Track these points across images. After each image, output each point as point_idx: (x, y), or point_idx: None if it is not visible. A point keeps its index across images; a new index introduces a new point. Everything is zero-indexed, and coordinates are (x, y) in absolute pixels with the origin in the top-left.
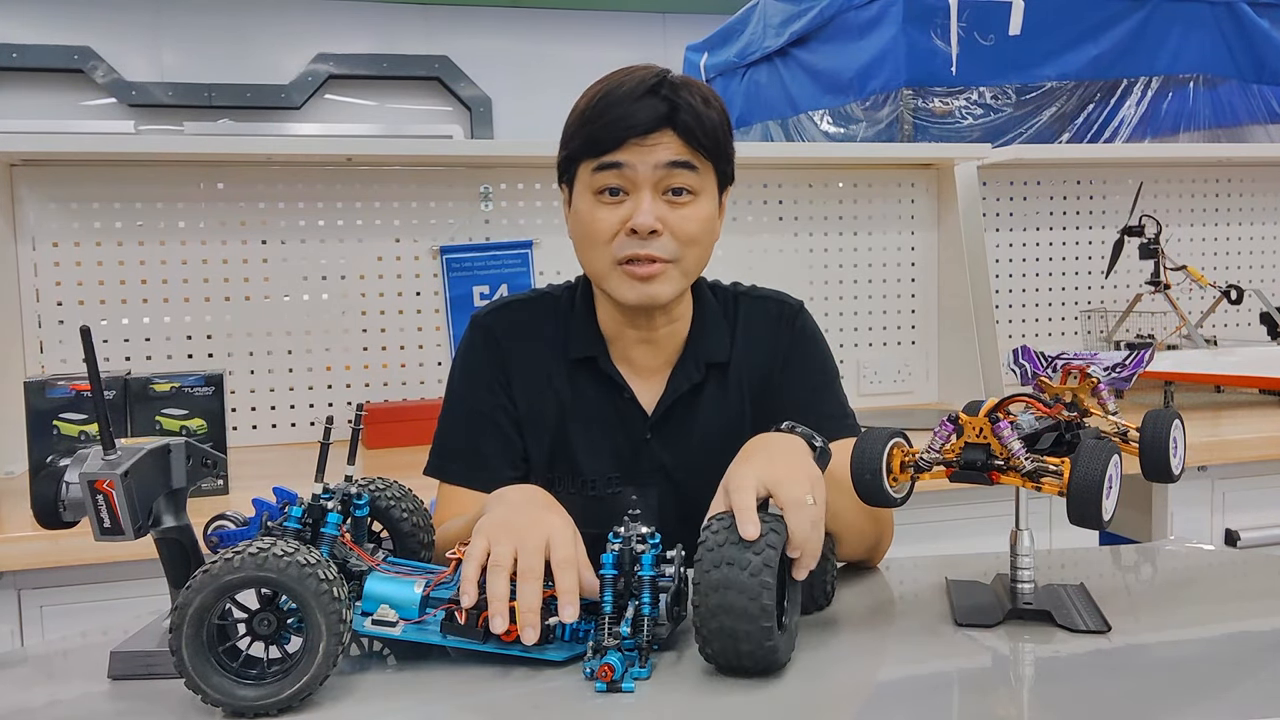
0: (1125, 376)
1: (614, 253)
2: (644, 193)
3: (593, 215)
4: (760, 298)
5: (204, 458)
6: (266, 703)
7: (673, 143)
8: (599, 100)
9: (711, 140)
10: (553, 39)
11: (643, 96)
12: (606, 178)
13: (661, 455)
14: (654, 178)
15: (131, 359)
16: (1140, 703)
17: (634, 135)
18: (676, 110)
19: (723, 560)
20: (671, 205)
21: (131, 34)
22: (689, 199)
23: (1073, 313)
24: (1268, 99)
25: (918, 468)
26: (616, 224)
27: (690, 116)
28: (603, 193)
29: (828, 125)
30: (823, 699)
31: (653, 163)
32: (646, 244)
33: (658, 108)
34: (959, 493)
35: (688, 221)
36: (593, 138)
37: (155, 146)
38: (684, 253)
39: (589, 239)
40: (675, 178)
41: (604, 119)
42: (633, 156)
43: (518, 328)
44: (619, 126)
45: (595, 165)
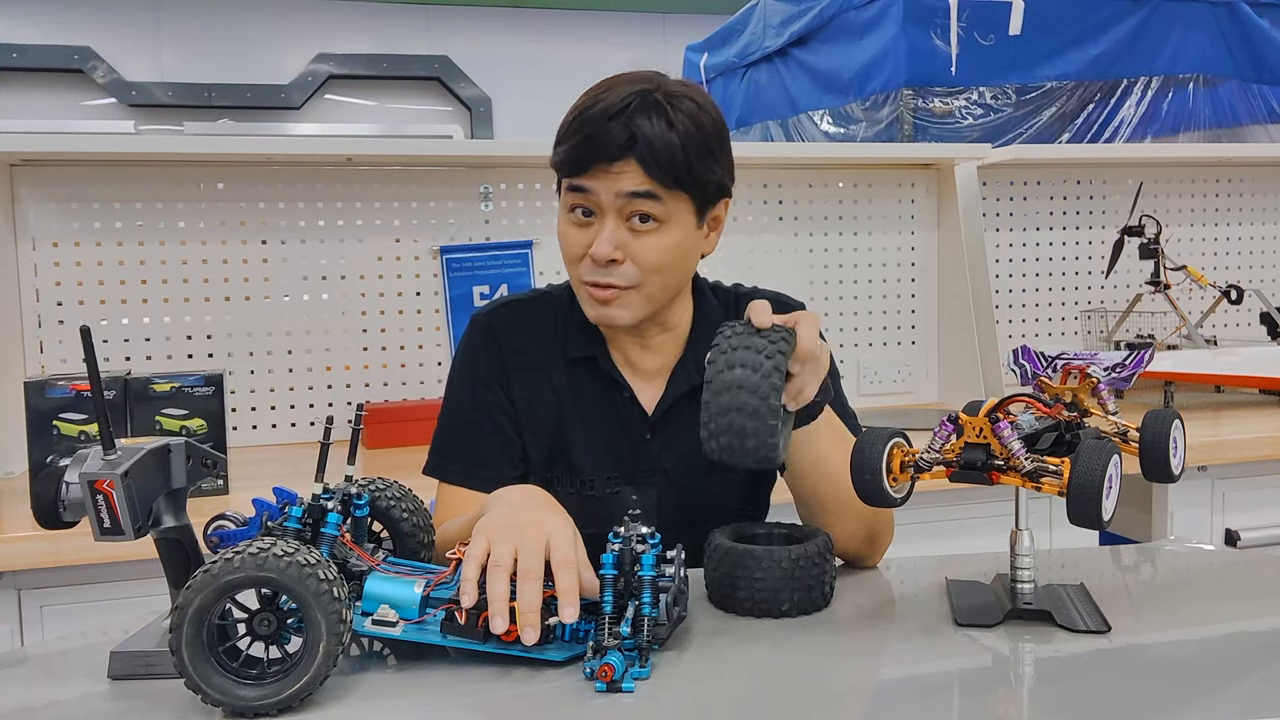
0: (1125, 376)
1: (579, 273)
2: (607, 219)
3: (566, 231)
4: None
5: (204, 458)
6: (266, 703)
7: (635, 173)
8: (577, 117)
9: (674, 168)
10: (553, 39)
11: (610, 119)
12: (576, 198)
13: (661, 456)
14: (616, 204)
15: (131, 359)
16: (1140, 703)
17: (599, 161)
18: (636, 139)
19: (736, 362)
20: (635, 233)
21: (131, 34)
22: (653, 227)
23: (1073, 313)
24: (1268, 99)
25: (918, 468)
26: (582, 247)
27: (646, 148)
28: (575, 210)
29: (828, 125)
30: (823, 699)
31: (615, 190)
32: (606, 272)
33: (619, 135)
34: (959, 493)
35: (650, 250)
36: (566, 157)
37: (155, 146)
38: (646, 279)
39: (564, 251)
40: (637, 205)
41: (576, 139)
42: (597, 183)
43: (517, 327)
44: (586, 151)
45: (569, 184)
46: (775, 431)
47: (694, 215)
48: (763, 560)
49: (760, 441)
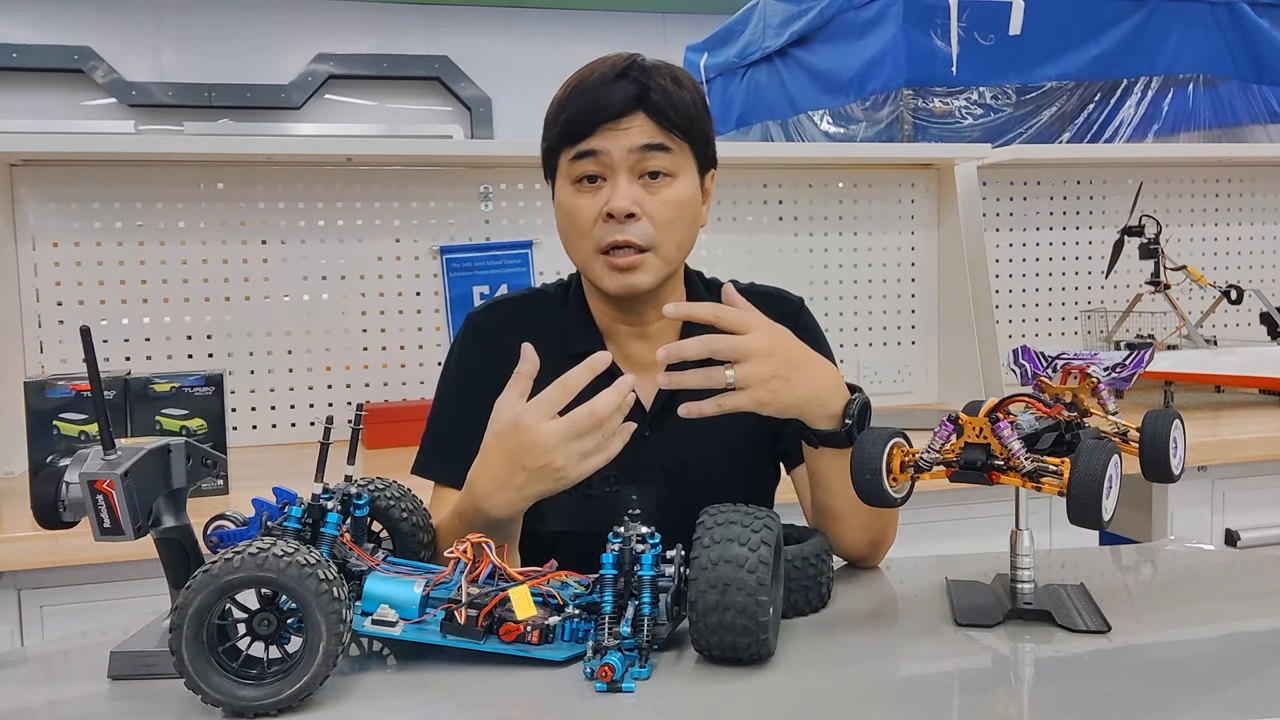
0: (1125, 376)
1: (595, 241)
2: (619, 177)
3: (573, 204)
4: (760, 294)
5: (204, 458)
6: (266, 703)
7: (645, 125)
8: (572, 90)
9: (684, 119)
10: (553, 39)
11: (613, 81)
12: (583, 165)
13: (660, 453)
14: (629, 161)
15: (131, 359)
16: (1140, 703)
17: (606, 120)
18: (647, 91)
19: (720, 558)
20: (648, 188)
21: (131, 34)
22: (666, 181)
23: (1073, 313)
24: (1268, 99)
25: (918, 468)
26: (595, 211)
27: (661, 96)
28: (581, 181)
29: (828, 125)
30: (823, 699)
31: (626, 146)
32: (624, 228)
33: (627, 89)
34: (959, 493)
35: (665, 204)
36: (568, 126)
37: (155, 146)
38: (661, 238)
39: (571, 228)
40: (650, 160)
41: (576, 106)
42: (606, 142)
43: (512, 326)
44: (591, 112)
45: (572, 154)
46: (765, 628)
47: (697, 173)
48: None
49: (752, 638)
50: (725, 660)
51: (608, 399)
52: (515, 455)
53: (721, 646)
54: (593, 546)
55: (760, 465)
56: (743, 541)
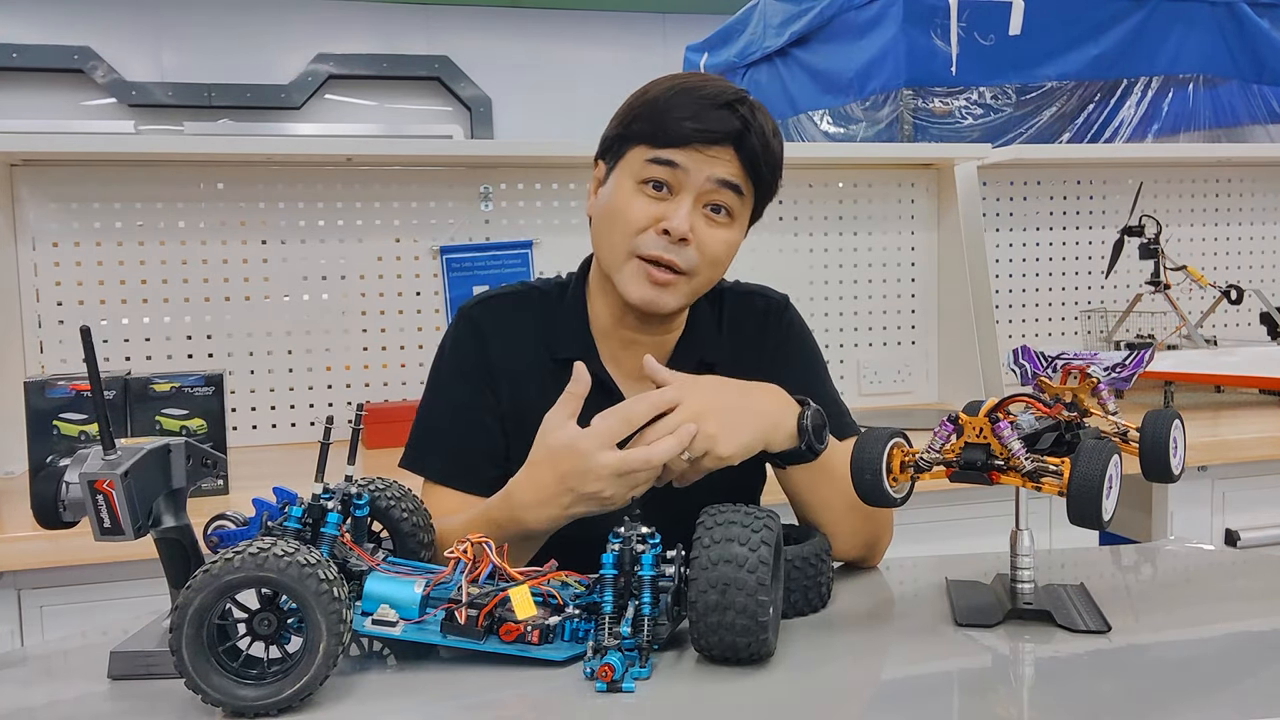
0: (1125, 376)
1: (638, 245)
2: (686, 197)
3: (631, 201)
4: (746, 293)
5: (204, 458)
6: (266, 703)
7: (731, 161)
8: (675, 92)
9: (768, 172)
10: (553, 39)
11: (721, 106)
12: (657, 170)
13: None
14: (701, 187)
15: (131, 359)
16: (1140, 703)
17: (701, 141)
18: (748, 132)
19: (720, 558)
20: (707, 220)
21: (131, 34)
22: (724, 219)
23: (1073, 313)
24: (1268, 99)
25: (918, 468)
26: (651, 219)
27: (758, 142)
28: (647, 183)
29: (828, 125)
30: (823, 699)
31: (707, 173)
32: (674, 249)
33: (731, 122)
34: (959, 493)
35: (717, 242)
36: (659, 127)
37: (155, 146)
38: (701, 269)
39: (619, 222)
40: (720, 195)
41: (676, 113)
42: (690, 160)
43: (505, 323)
44: (689, 126)
45: (650, 156)
46: (765, 628)
47: (747, 224)
48: None
49: (752, 638)
50: (725, 660)
51: (667, 447)
52: (567, 477)
53: (721, 646)
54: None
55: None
56: (743, 541)
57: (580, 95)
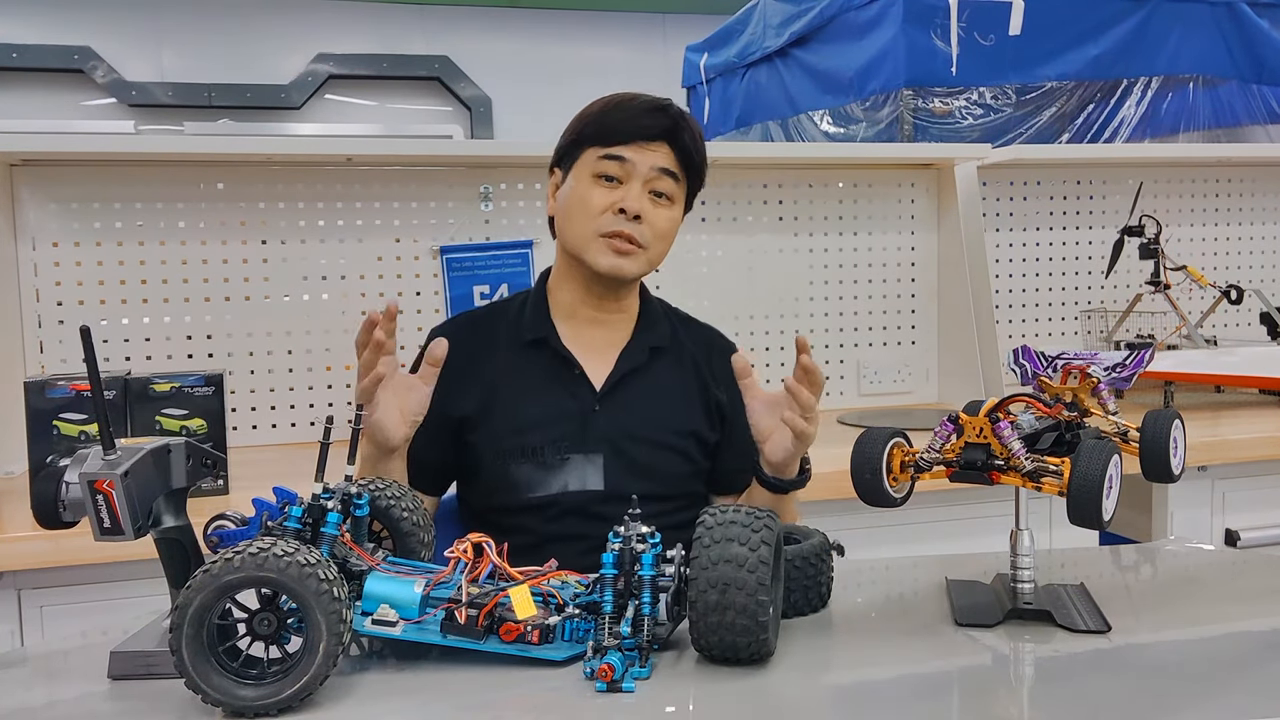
0: (1125, 376)
1: (600, 225)
2: (635, 185)
3: (589, 191)
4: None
5: (204, 458)
6: (266, 703)
7: (668, 154)
8: (615, 104)
9: (697, 162)
10: (553, 39)
11: (654, 111)
12: (608, 166)
13: (608, 426)
14: (646, 176)
15: (131, 359)
16: (1140, 703)
17: (640, 137)
18: (679, 129)
19: (720, 558)
20: (653, 202)
21: (131, 34)
22: (666, 203)
23: (1073, 313)
24: (1268, 99)
25: (918, 468)
26: (607, 203)
27: (688, 138)
28: (600, 177)
29: (828, 125)
30: (823, 699)
31: (649, 163)
32: (630, 225)
33: (664, 121)
34: (959, 493)
35: (662, 219)
36: (607, 130)
37: (155, 146)
38: (652, 244)
39: (580, 210)
40: (661, 182)
41: (619, 117)
42: (634, 154)
43: (465, 329)
44: (631, 126)
45: (602, 153)
46: (765, 628)
47: (683, 207)
48: None
49: (752, 637)
50: (725, 660)
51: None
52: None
53: (721, 646)
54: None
55: (701, 447)
56: (743, 541)
57: (580, 95)
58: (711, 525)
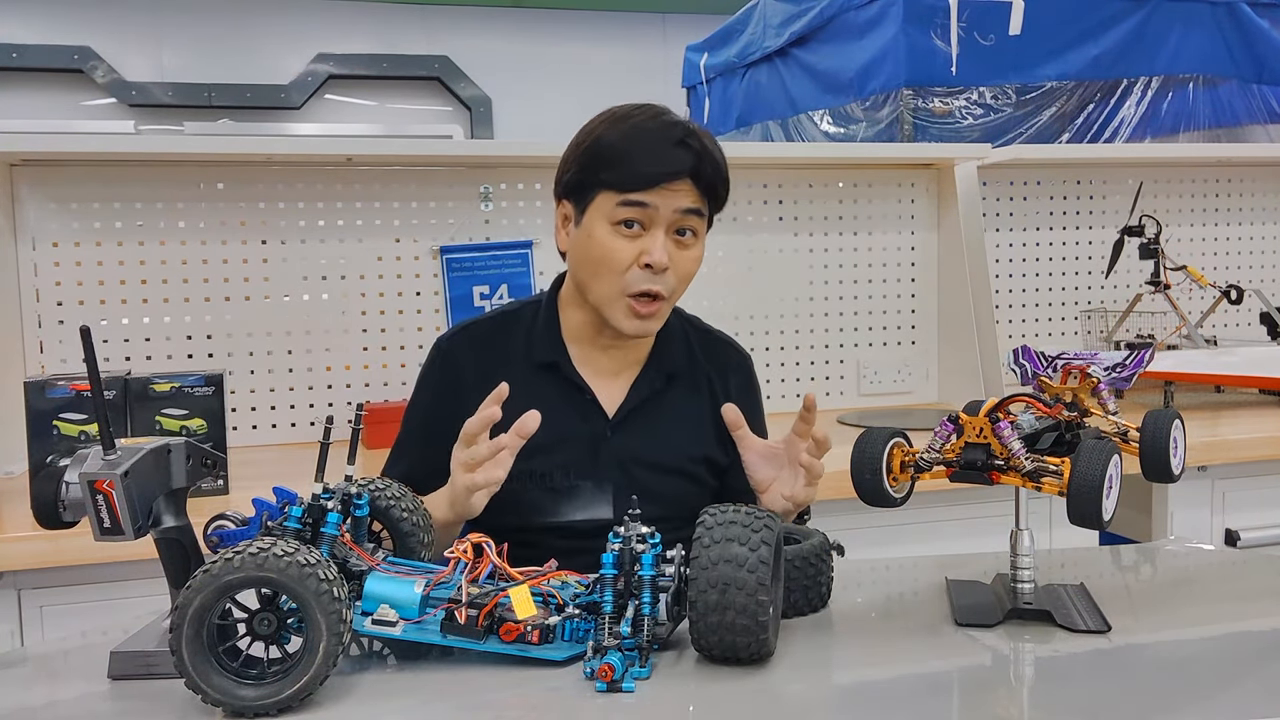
0: (1125, 376)
1: (625, 284)
2: (659, 231)
3: (611, 244)
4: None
5: (204, 458)
6: (266, 703)
7: (690, 191)
8: (630, 136)
9: (722, 192)
10: (553, 39)
11: (675, 146)
12: (628, 211)
13: (620, 453)
14: (669, 220)
15: (131, 359)
16: (1140, 703)
17: (664, 181)
18: (701, 163)
19: (720, 558)
20: (678, 245)
21: (131, 34)
22: (692, 240)
23: (1073, 313)
24: (1268, 99)
25: (918, 468)
26: (631, 256)
27: (710, 169)
28: (620, 224)
29: (828, 125)
30: (823, 699)
31: (673, 206)
32: (659, 279)
33: (685, 159)
34: (959, 493)
35: (689, 261)
36: (625, 174)
37: (155, 146)
38: (679, 288)
39: (604, 267)
40: (686, 221)
41: (637, 157)
42: (657, 199)
43: (476, 343)
44: (652, 171)
45: (620, 200)
46: (765, 628)
47: (704, 237)
48: None
49: (752, 638)
50: (725, 660)
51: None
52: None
53: (721, 646)
54: (560, 535)
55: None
56: (743, 541)
57: (580, 95)
58: (711, 525)
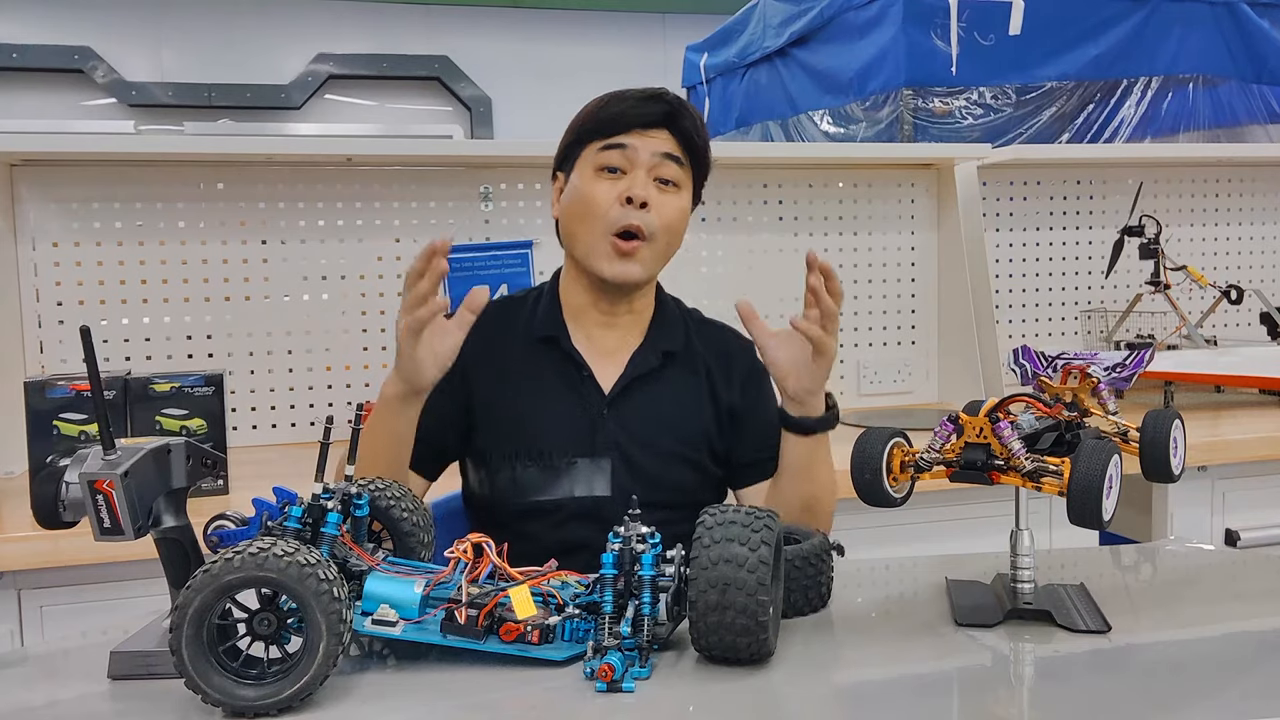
0: (1125, 376)
1: (608, 223)
2: (639, 172)
3: (593, 188)
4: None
5: (204, 458)
6: (266, 703)
7: (669, 139)
8: (611, 98)
9: (700, 146)
10: (553, 39)
11: (650, 99)
12: (610, 156)
13: (616, 431)
14: (649, 163)
15: (131, 359)
16: (1140, 703)
17: (639, 124)
18: (678, 115)
19: (720, 558)
20: (659, 189)
21: (131, 34)
22: (672, 189)
23: (1073, 313)
24: (1268, 99)
25: (918, 468)
26: (613, 197)
27: (688, 123)
28: (603, 170)
29: (828, 125)
30: (823, 699)
31: (651, 149)
32: (639, 214)
33: (662, 108)
34: (959, 493)
35: (669, 207)
36: (605, 120)
37: (155, 146)
38: (660, 235)
39: (587, 210)
40: (665, 168)
41: (615, 109)
42: (635, 141)
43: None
44: (629, 115)
45: (602, 145)
46: (765, 628)
47: (691, 196)
48: None
49: (752, 638)
50: (725, 660)
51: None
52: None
53: (721, 646)
54: (559, 516)
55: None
56: (743, 541)
57: (580, 95)
58: (711, 525)
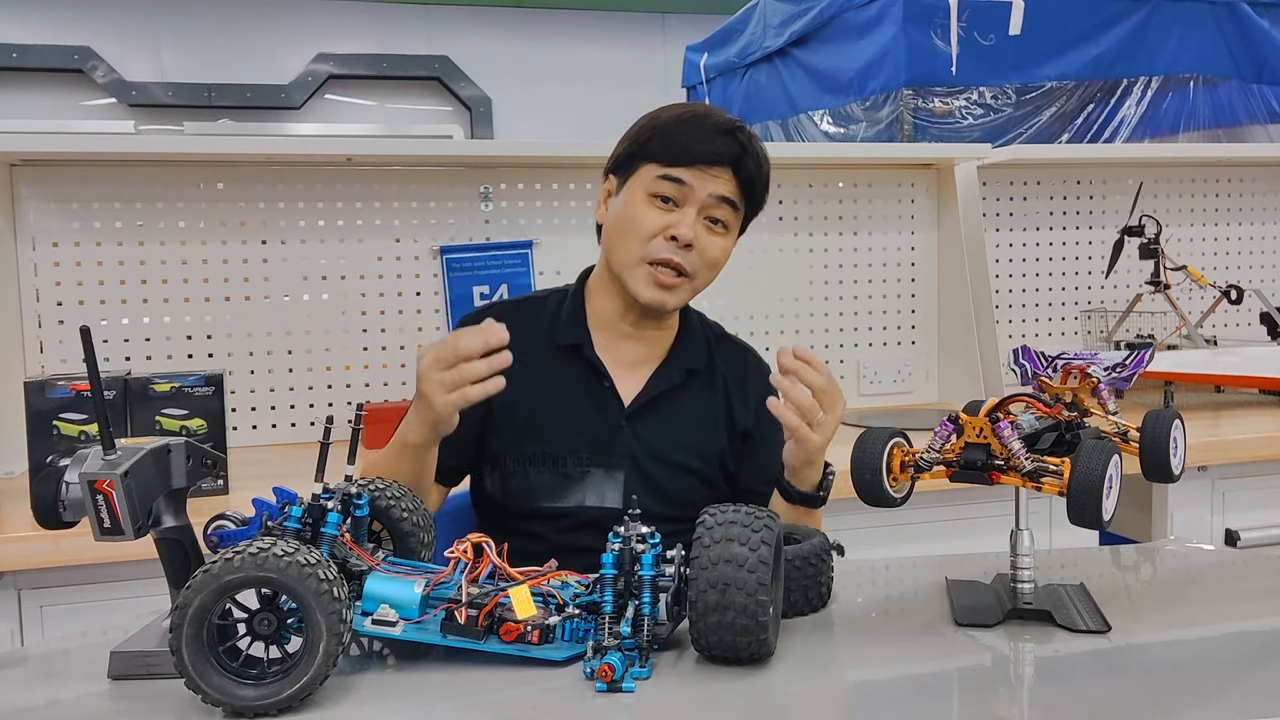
0: (1125, 376)
1: (648, 250)
2: (690, 210)
3: (642, 211)
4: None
5: (204, 458)
6: (266, 703)
7: (730, 181)
8: (686, 119)
9: (759, 191)
10: (553, 39)
11: (723, 134)
12: (665, 187)
13: (633, 443)
14: (703, 202)
15: (131, 359)
16: (1140, 703)
17: (704, 161)
18: (744, 157)
19: (720, 558)
20: (707, 230)
21: (131, 34)
22: (722, 231)
23: (1073, 313)
24: (1268, 99)
25: (918, 468)
26: (659, 226)
27: (753, 165)
28: (656, 197)
29: (828, 125)
30: (823, 699)
31: (708, 190)
32: (680, 253)
33: (731, 147)
34: (959, 493)
35: (715, 248)
36: (670, 147)
37: (155, 146)
38: (700, 273)
39: (630, 229)
40: (718, 210)
41: (685, 136)
42: (695, 179)
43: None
44: (695, 149)
45: (660, 172)
46: (765, 628)
47: (738, 234)
48: None
49: (752, 638)
50: (725, 660)
51: (469, 338)
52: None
53: (721, 646)
54: (566, 523)
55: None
56: (743, 541)
57: (580, 95)
58: (711, 525)
